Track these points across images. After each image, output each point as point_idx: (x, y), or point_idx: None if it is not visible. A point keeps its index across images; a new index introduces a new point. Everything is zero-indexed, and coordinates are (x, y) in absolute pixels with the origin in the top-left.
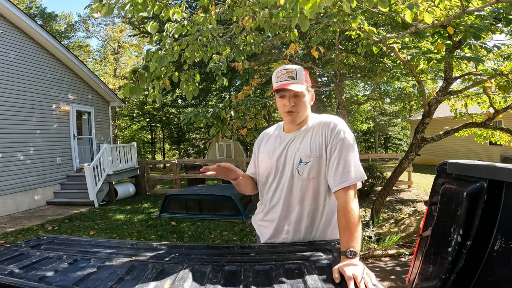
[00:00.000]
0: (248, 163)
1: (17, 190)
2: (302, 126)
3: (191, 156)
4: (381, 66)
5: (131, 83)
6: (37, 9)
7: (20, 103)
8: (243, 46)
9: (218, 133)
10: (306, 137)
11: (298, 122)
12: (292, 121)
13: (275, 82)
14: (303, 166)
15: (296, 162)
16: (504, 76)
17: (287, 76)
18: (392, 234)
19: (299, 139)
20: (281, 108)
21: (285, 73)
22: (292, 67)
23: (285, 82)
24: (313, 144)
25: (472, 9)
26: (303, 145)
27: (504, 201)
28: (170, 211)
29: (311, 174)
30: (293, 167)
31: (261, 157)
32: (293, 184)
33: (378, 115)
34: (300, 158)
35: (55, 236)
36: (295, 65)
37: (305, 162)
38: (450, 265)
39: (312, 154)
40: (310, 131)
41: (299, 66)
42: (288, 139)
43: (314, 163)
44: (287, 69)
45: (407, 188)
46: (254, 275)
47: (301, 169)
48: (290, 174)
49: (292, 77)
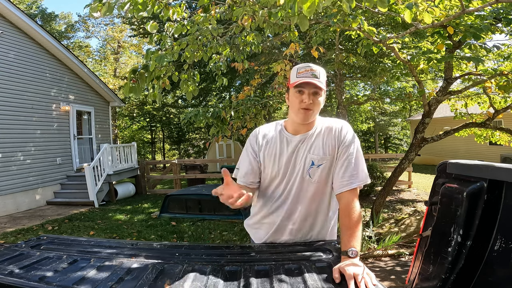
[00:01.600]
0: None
1: (17, 190)
2: (309, 128)
3: (191, 156)
4: (381, 66)
5: (131, 83)
6: (37, 9)
7: (20, 103)
8: (243, 46)
9: (218, 133)
10: (317, 140)
11: (310, 121)
12: (305, 119)
13: (295, 77)
14: (315, 169)
15: (307, 164)
16: (504, 76)
17: (310, 73)
18: (392, 234)
19: (309, 141)
20: (297, 104)
21: (309, 70)
22: (316, 67)
23: (308, 78)
24: (326, 147)
25: (472, 9)
26: (315, 147)
27: (504, 201)
28: (170, 211)
29: (321, 177)
30: (304, 170)
31: (263, 158)
32: (302, 186)
33: (378, 115)
34: (312, 160)
35: (55, 236)
36: (319, 66)
37: (317, 165)
38: (450, 265)
39: (326, 156)
40: (321, 134)
41: (322, 68)
42: (297, 142)
43: (326, 166)
44: (311, 67)
45: (407, 188)
46: (254, 275)
47: (313, 172)
48: (300, 176)
49: (315, 75)
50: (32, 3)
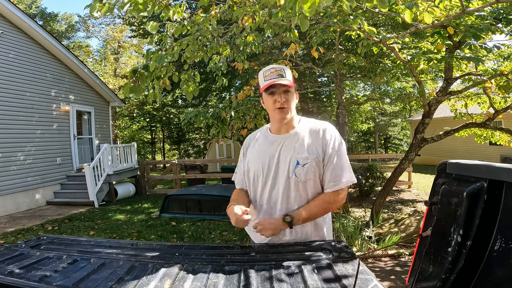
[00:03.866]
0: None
1: (17, 190)
2: (290, 127)
3: (191, 156)
4: (381, 66)
5: (131, 83)
6: (37, 9)
7: (20, 103)
8: (243, 46)
9: (218, 133)
10: (300, 139)
11: (288, 119)
12: (283, 118)
13: (263, 81)
14: (300, 168)
15: (292, 164)
16: (504, 76)
17: (276, 74)
18: (392, 234)
19: (292, 141)
20: (272, 105)
21: (274, 72)
22: (279, 66)
23: (276, 79)
24: (310, 146)
25: (472, 9)
26: (298, 147)
27: (504, 201)
28: (170, 211)
29: (308, 176)
30: (289, 170)
31: (249, 157)
32: (290, 186)
33: (378, 115)
34: (297, 160)
35: (55, 236)
36: (280, 65)
37: (302, 164)
38: (450, 265)
39: (310, 156)
40: (303, 134)
41: (285, 66)
42: (280, 141)
43: (311, 165)
44: (275, 68)
45: (407, 188)
46: (254, 275)
47: (298, 171)
48: (285, 176)
49: (281, 75)
50: (31, 3)
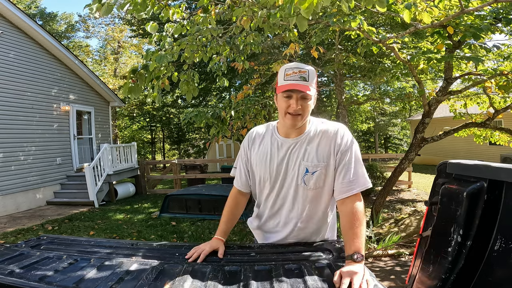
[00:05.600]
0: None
1: (17, 190)
2: (302, 131)
3: (191, 156)
4: (381, 66)
5: (131, 83)
6: (36, 9)
7: (20, 103)
8: (243, 46)
9: (218, 133)
10: (311, 145)
11: (299, 126)
12: (294, 125)
13: (283, 80)
14: (310, 176)
15: (301, 172)
16: (504, 76)
17: (299, 76)
18: (392, 234)
19: (302, 146)
20: (284, 108)
21: (297, 72)
22: (305, 67)
23: (297, 82)
24: (320, 153)
25: (471, 9)
26: (308, 153)
27: (504, 201)
28: (170, 211)
29: (317, 184)
30: (298, 177)
31: (254, 159)
32: (298, 194)
33: (378, 115)
34: (306, 167)
35: (55, 236)
36: (308, 65)
37: (311, 172)
38: (450, 265)
39: (319, 163)
40: (314, 138)
41: (312, 68)
42: (289, 145)
43: (321, 173)
44: (300, 68)
45: (407, 188)
46: (254, 275)
47: (307, 179)
48: (294, 184)
49: (304, 78)
50: (31, 3)
